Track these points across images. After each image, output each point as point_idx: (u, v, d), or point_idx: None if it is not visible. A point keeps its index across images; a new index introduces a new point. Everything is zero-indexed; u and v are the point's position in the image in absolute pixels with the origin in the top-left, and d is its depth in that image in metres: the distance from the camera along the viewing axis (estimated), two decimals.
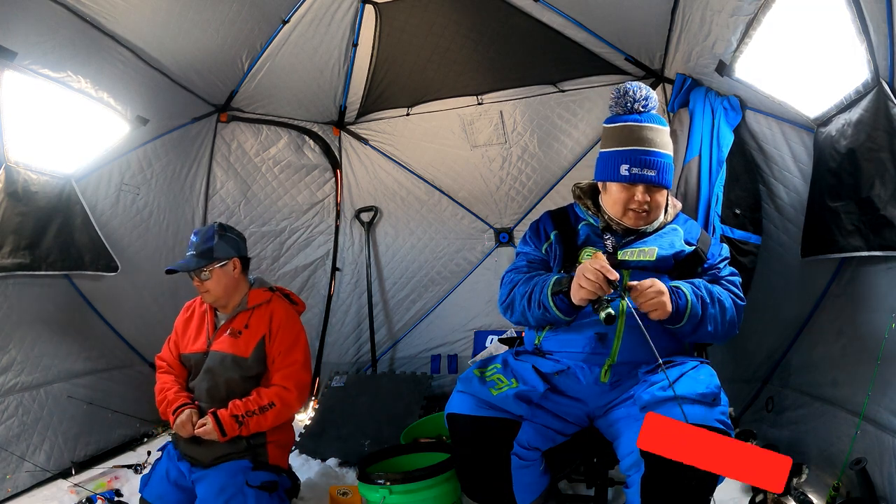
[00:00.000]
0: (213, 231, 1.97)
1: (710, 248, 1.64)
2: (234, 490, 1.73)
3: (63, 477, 2.32)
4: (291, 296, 2.14)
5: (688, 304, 1.44)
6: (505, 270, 1.73)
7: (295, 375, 1.92)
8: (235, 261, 1.98)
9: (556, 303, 1.47)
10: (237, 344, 1.92)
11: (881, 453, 1.60)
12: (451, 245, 3.65)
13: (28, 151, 2.25)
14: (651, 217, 1.61)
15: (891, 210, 1.44)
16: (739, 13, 1.86)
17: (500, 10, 2.92)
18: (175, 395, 1.91)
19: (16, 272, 2.23)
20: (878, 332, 1.60)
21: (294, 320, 2.01)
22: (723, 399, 1.36)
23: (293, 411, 1.95)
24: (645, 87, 1.63)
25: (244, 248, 2.06)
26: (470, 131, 3.46)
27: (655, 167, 1.54)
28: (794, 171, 2.03)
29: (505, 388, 1.46)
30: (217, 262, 1.93)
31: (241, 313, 1.97)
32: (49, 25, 2.13)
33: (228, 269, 1.96)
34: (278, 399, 1.87)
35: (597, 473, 1.70)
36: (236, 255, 1.98)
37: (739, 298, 1.58)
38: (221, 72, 3.03)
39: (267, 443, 1.90)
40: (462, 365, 3.50)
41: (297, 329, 1.99)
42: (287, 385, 1.90)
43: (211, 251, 1.93)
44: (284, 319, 1.97)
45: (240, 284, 2.00)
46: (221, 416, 1.80)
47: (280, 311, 1.99)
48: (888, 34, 1.35)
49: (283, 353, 1.93)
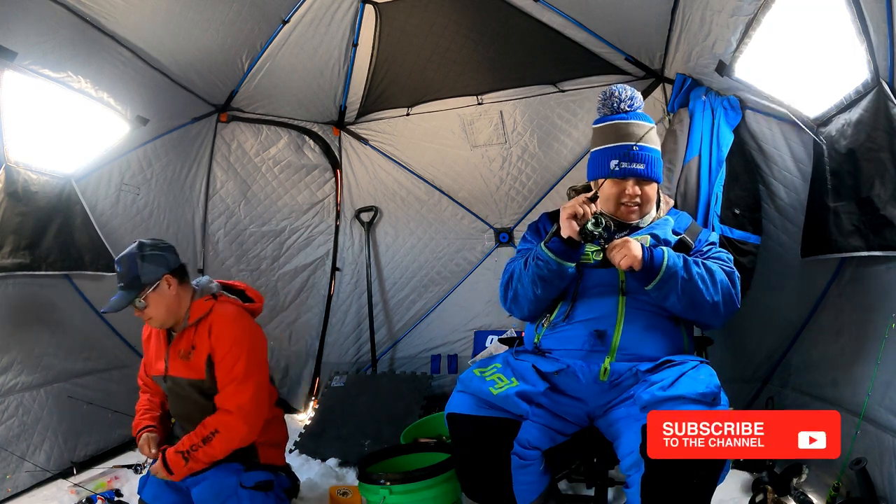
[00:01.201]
0: (133, 255, 1.79)
1: (697, 236, 1.67)
2: (228, 493, 1.73)
3: (63, 477, 2.32)
4: (246, 291, 1.98)
5: (664, 257, 1.46)
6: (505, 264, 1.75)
7: (235, 396, 1.75)
8: (167, 278, 1.81)
9: (550, 247, 1.50)
10: (190, 367, 1.80)
11: (881, 453, 1.59)
12: (451, 245, 3.65)
13: (28, 151, 2.25)
14: (643, 210, 1.66)
15: (891, 210, 1.44)
16: (739, 13, 1.86)
17: (500, 10, 2.92)
18: (139, 418, 1.91)
19: (16, 272, 2.23)
20: (878, 332, 1.60)
21: (234, 327, 1.81)
22: (723, 399, 1.36)
23: (242, 434, 1.75)
24: (630, 88, 1.70)
25: (173, 258, 1.88)
26: (470, 131, 3.46)
27: (644, 161, 1.60)
28: (794, 171, 2.03)
29: (505, 388, 1.46)
30: (148, 288, 1.77)
31: (185, 331, 1.83)
32: (49, 25, 2.13)
33: (163, 289, 1.80)
34: (221, 426, 1.73)
35: (597, 473, 1.70)
36: (166, 271, 1.81)
37: (730, 269, 1.57)
38: (221, 72, 3.03)
39: (256, 445, 1.84)
40: (462, 365, 3.50)
41: (236, 337, 1.79)
42: (228, 407, 1.74)
43: (138, 278, 1.77)
44: (222, 330, 1.79)
45: (182, 299, 1.84)
46: (167, 454, 1.74)
47: (218, 322, 1.81)
48: (888, 34, 1.35)
49: (225, 370, 1.77)
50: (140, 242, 1.83)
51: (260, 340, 1.88)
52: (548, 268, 1.51)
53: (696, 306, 1.50)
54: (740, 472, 2.06)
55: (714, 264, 1.54)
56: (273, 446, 1.94)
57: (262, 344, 1.89)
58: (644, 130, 1.62)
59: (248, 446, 1.83)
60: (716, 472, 1.27)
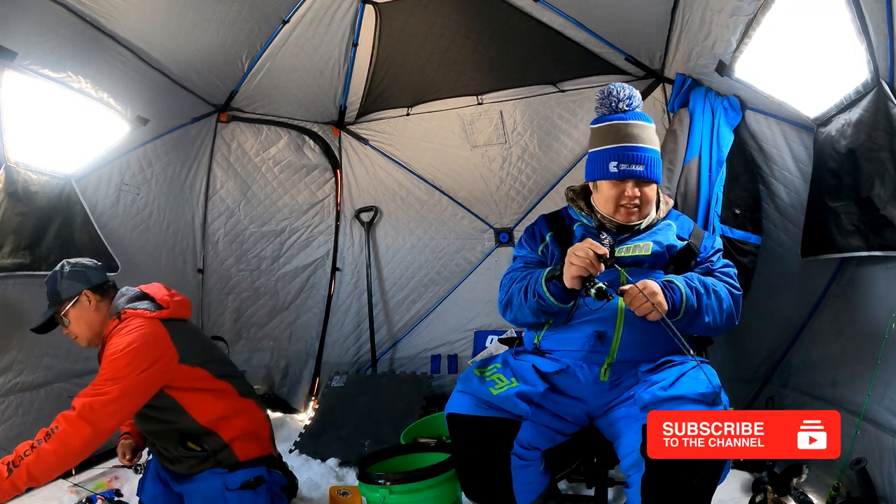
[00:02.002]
0: (56, 272, 1.80)
1: (702, 242, 1.66)
2: (214, 497, 1.74)
3: (63, 477, 2.31)
4: (157, 299, 1.84)
5: (683, 298, 1.44)
6: (503, 274, 1.73)
7: (90, 396, 1.58)
8: (86, 293, 1.79)
9: (550, 288, 1.47)
10: None
11: (881, 453, 1.60)
12: (451, 245, 3.65)
13: (28, 151, 2.25)
14: (643, 212, 1.63)
15: (891, 210, 1.44)
16: (739, 13, 1.86)
17: (500, 10, 2.92)
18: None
19: (16, 272, 2.22)
20: (878, 332, 1.60)
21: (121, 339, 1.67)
22: (723, 399, 1.36)
23: (81, 432, 1.55)
24: (628, 86, 1.66)
25: (95, 274, 1.84)
26: (470, 131, 3.46)
27: (643, 162, 1.57)
28: (794, 171, 2.03)
29: (505, 388, 1.46)
30: (68, 303, 1.77)
31: (100, 353, 1.76)
32: (49, 25, 2.13)
33: (84, 305, 1.79)
34: (63, 421, 1.56)
35: (597, 473, 1.70)
36: (85, 286, 1.80)
37: (735, 288, 1.57)
38: (221, 72, 3.03)
39: (227, 444, 1.79)
40: (462, 365, 3.50)
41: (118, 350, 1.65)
42: (76, 404, 1.57)
43: (58, 294, 1.78)
44: (110, 343, 1.70)
45: (104, 316, 1.82)
46: None
47: (112, 338, 1.72)
48: (888, 34, 1.35)
49: (99, 373, 1.65)
50: (65, 261, 1.85)
51: (157, 351, 1.70)
52: (545, 305, 1.50)
53: (698, 329, 1.53)
54: (740, 472, 2.07)
55: (721, 285, 1.54)
56: (248, 438, 1.84)
57: (161, 355, 1.71)
58: (644, 131, 1.60)
59: (221, 446, 1.78)
60: (716, 472, 1.27)
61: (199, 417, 1.78)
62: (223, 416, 1.82)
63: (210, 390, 1.82)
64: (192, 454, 1.78)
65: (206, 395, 1.81)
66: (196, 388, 1.79)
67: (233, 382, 1.90)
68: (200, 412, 1.79)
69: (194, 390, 1.79)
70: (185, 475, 1.82)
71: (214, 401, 1.82)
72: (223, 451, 1.80)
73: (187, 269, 3.30)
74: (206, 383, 1.82)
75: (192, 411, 1.78)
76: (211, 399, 1.81)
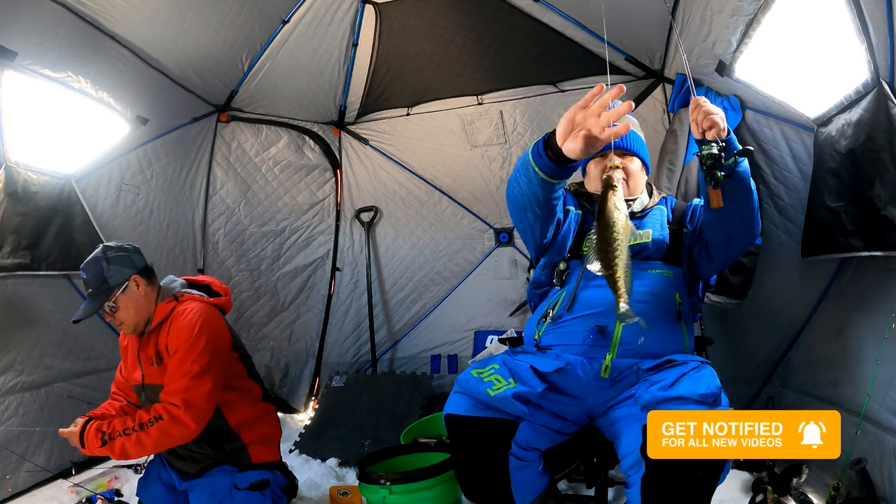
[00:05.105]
0: (98, 259, 1.74)
1: (684, 211, 1.68)
2: (222, 495, 1.73)
3: (63, 477, 2.32)
4: (212, 286, 1.89)
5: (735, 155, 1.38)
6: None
7: (188, 392, 1.62)
8: (135, 278, 1.76)
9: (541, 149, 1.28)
10: (162, 372, 1.72)
11: (881, 453, 1.59)
12: (451, 245, 3.65)
13: (28, 151, 2.25)
14: (630, 185, 1.65)
15: (891, 210, 1.44)
16: (739, 13, 1.86)
17: (500, 10, 2.92)
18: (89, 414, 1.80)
19: (16, 272, 2.23)
20: (878, 332, 1.60)
21: (192, 323, 1.70)
22: (723, 399, 1.35)
23: (187, 432, 1.63)
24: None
25: (139, 259, 1.82)
26: (470, 131, 3.46)
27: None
28: (794, 171, 2.03)
29: (502, 389, 1.45)
30: (118, 290, 1.72)
31: (150, 336, 1.77)
32: (49, 25, 2.13)
33: (132, 291, 1.75)
34: (168, 415, 1.61)
35: (597, 473, 1.70)
36: (133, 271, 1.76)
37: None
38: (221, 72, 3.03)
39: (245, 445, 1.81)
40: (462, 365, 3.50)
41: (193, 332, 1.68)
42: (174, 401, 1.62)
43: (105, 281, 1.72)
44: (180, 326, 1.70)
45: (150, 300, 1.79)
46: (89, 428, 1.64)
47: (177, 320, 1.72)
48: (888, 34, 1.35)
49: (176, 364, 1.66)
50: (104, 246, 1.78)
51: (221, 336, 1.77)
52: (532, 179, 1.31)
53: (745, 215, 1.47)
54: (740, 472, 2.06)
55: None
56: (264, 443, 1.88)
57: (224, 340, 1.78)
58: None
59: (238, 447, 1.80)
60: (716, 472, 1.27)
61: (230, 418, 1.79)
62: (250, 419, 1.84)
63: (240, 389, 1.84)
64: (207, 454, 1.79)
65: (236, 394, 1.82)
66: (231, 387, 1.79)
67: (259, 384, 1.94)
68: (232, 413, 1.80)
69: (229, 389, 1.78)
70: (192, 473, 1.82)
71: (243, 402, 1.84)
72: (240, 452, 1.82)
73: (187, 269, 3.30)
74: (239, 381, 1.85)
75: (226, 411, 1.78)
76: (240, 399, 1.83)
